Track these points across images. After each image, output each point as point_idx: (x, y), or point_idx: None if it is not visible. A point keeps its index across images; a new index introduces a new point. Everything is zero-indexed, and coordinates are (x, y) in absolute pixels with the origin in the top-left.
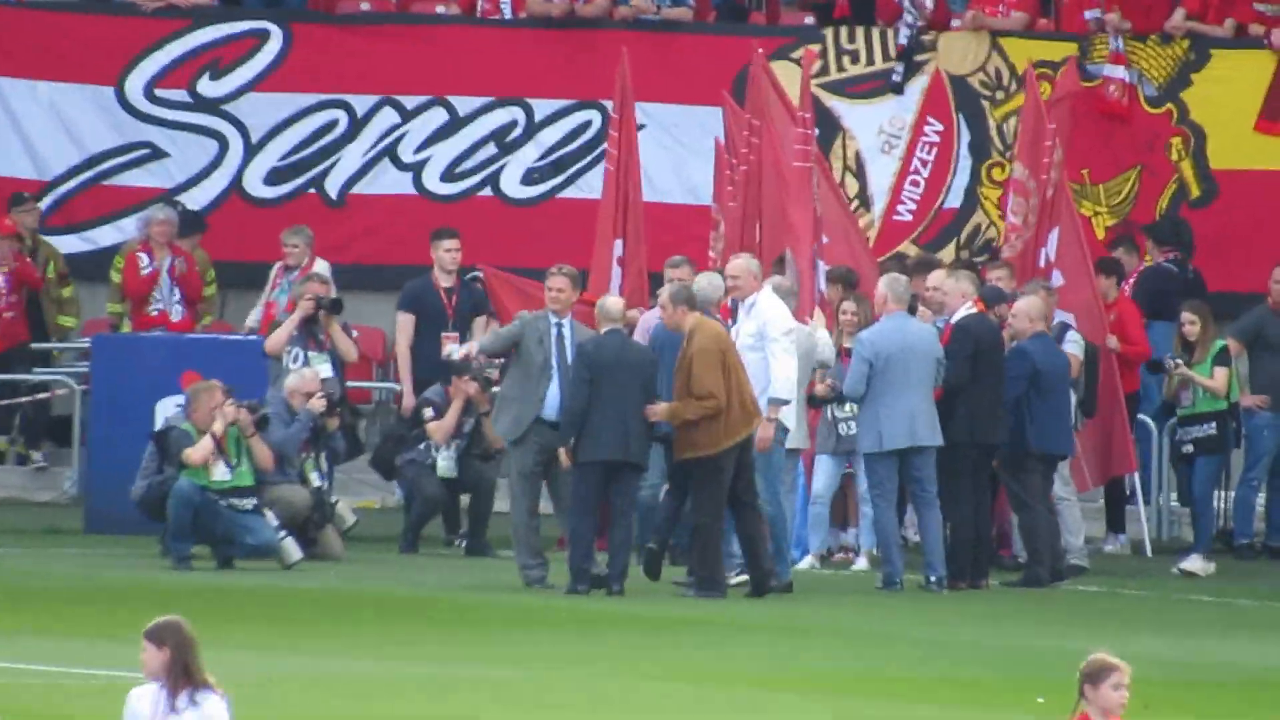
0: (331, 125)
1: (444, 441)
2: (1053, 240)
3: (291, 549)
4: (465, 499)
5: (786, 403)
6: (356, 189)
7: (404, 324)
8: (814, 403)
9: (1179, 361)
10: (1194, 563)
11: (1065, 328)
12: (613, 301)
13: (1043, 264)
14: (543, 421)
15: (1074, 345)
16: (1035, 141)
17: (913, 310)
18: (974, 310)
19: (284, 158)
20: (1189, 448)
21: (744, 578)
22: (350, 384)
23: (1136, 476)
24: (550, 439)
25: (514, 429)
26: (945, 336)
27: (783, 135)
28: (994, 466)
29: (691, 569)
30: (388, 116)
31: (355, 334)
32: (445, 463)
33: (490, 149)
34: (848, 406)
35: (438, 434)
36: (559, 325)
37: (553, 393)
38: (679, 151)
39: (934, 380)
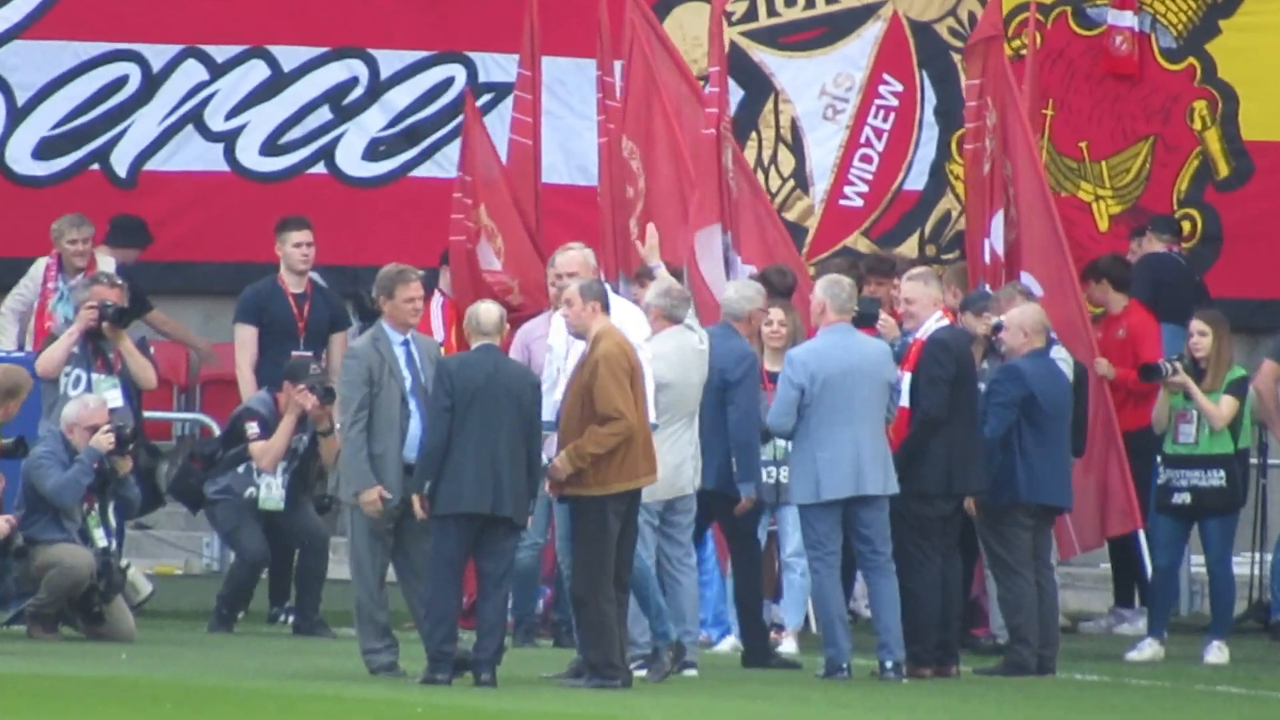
0: (120, 84)
1: (271, 467)
2: (997, 227)
3: (141, 582)
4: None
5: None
6: (152, 165)
7: (245, 340)
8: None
9: (1177, 365)
10: (1147, 649)
11: (1050, 343)
12: (485, 310)
13: (987, 258)
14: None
15: (1063, 365)
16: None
17: (868, 322)
18: (944, 321)
19: (57, 125)
20: (1184, 497)
21: (644, 671)
22: (147, 415)
23: (1143, 536)
24: (404, 487)
25: (356, 482)
26: (912, 355)
27: (675, 96)
28: (970, 513)
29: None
30: (192, 72)
31: (152, 351)
32: (270, 494)
33: (324, 114)
34: (771, 445)
35: (264, 458)
36: (406, 343)
37: (414, 431)
38: (566, 119)
39: (884, 410)
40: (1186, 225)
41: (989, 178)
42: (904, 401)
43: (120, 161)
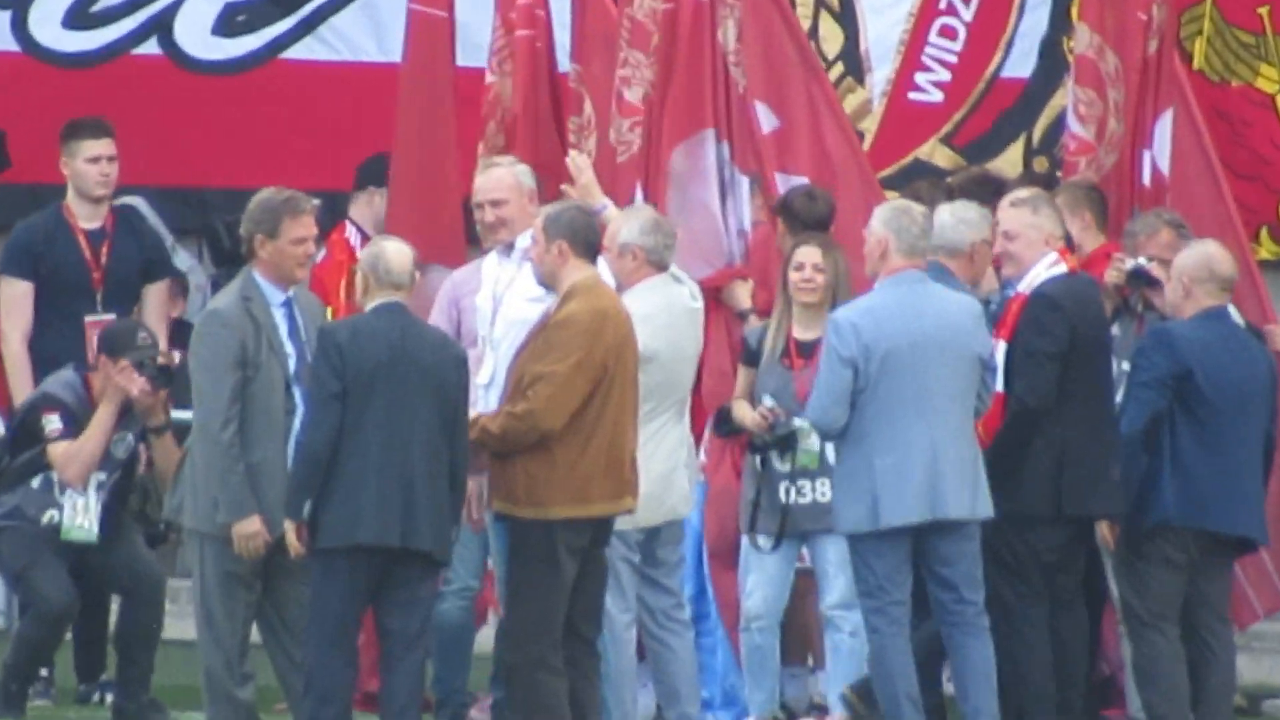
0: None
1: (79, 479)
2: (1162, 133)
3: None
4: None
5: None
6: None
7: (13, 300)
8: (721, 430)
9: None
10: None
11: (1226, 302)
12: (393, 251)
13: (1147, 177)
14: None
15: None
16: None
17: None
18: (1060, 267)
19: None
20: None
21: None
22: None
23: None
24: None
25: (228, 508)
26: (1011, 317)
27: None
28: (1103, 541)
29: None
30: None
31: None
32: (79, 519)
33: None
34: (801, 450)
35: (69, 466)
36: (288, 305)
37: (299, 430)
38: None
39: (975, 399)
40: None
41: (1156, 58)
42: (1001, 385)
43: None
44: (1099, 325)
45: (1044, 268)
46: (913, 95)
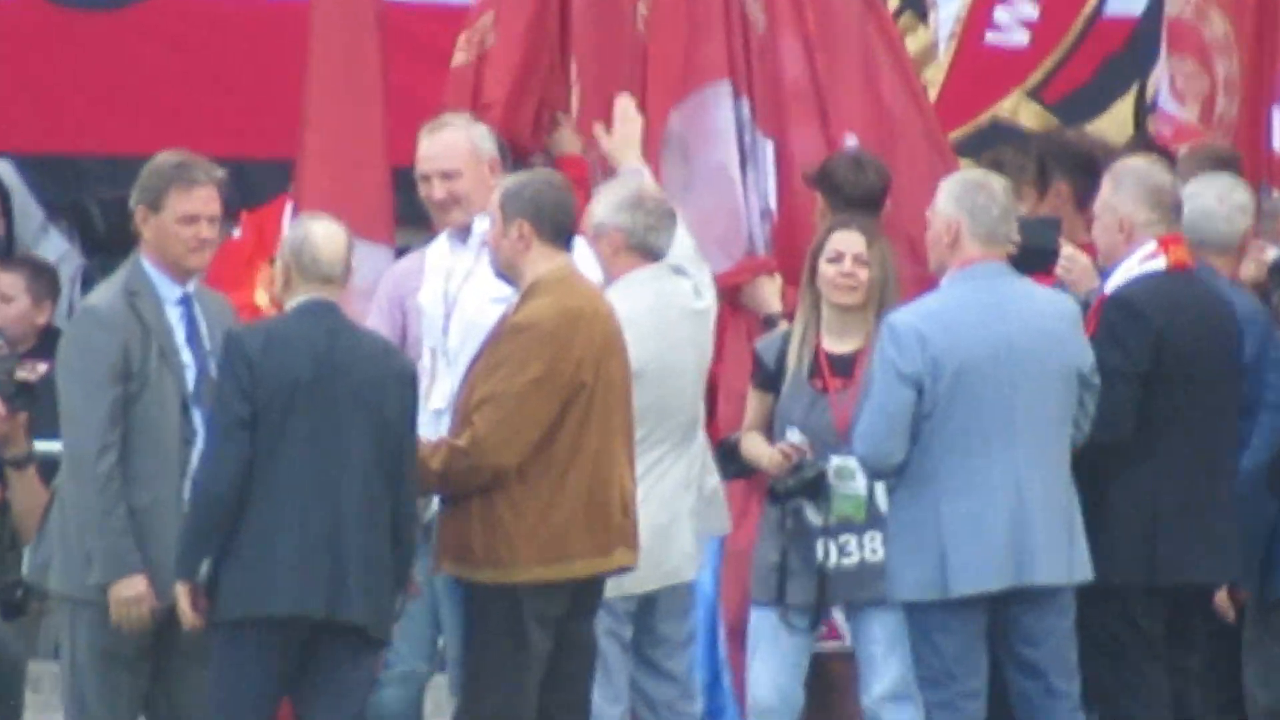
0: None
1: None
2: None
3: None
4: None
5: None
6: None
7: None
8: (726, 471)
9: None
10: None
11: None
12: (322, 234)
13: (1278, 141)
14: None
15: None
16: None
17: (1041, 264)
18: (1157, 261)
19: None
20: None
21: None
22: None
23: None
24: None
25: (104, 564)
26: (1090, 325)
27: None
28: (1222, 615)
29: None
30: None
31: None
32: None
33: None
34: (841, 496)
35: None
36: (186, 302)
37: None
38: None
39: (1071, 426)
40: None
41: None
42: None
43: None
44: (1205, 338)
45: (1136, 261)
46: (991, 37)
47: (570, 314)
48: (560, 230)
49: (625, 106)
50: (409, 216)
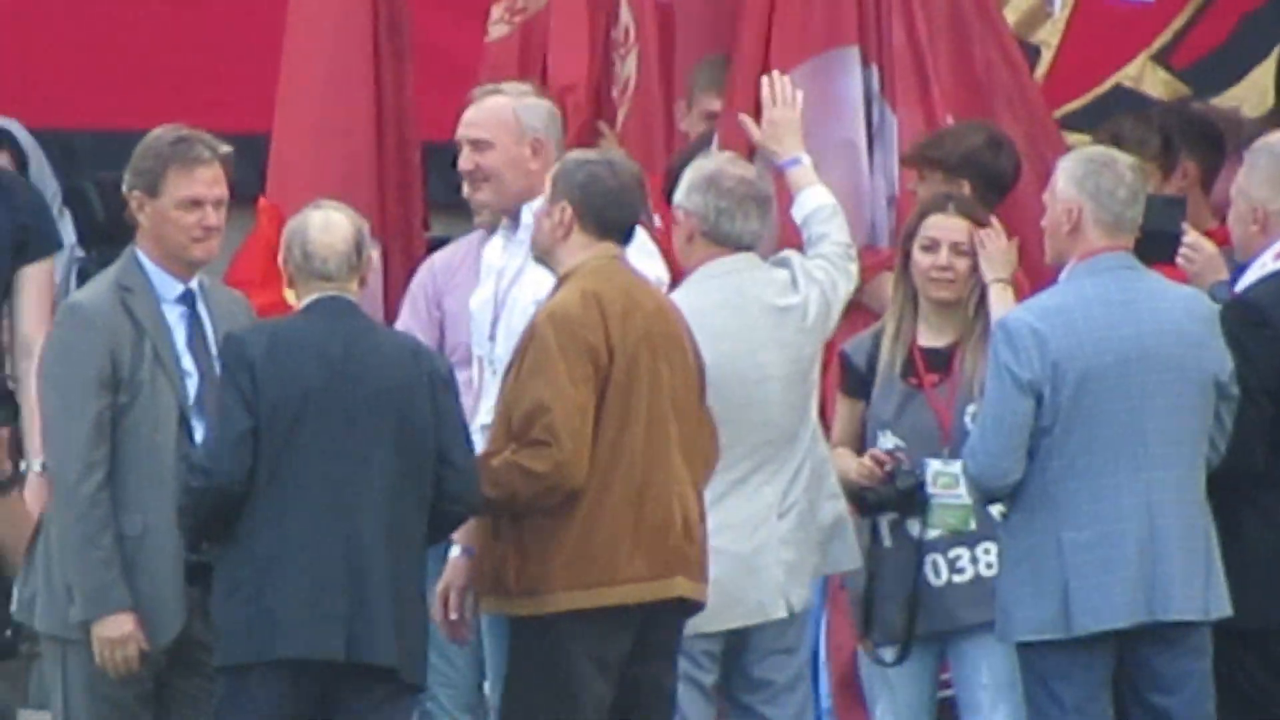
0: None
1: None
2: None
3: None
4: None
5: None
6: None
7: None
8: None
9: None
10: None
11: None
12: (328, 222)
13: None
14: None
15: None
16: None
17: (1163, 251)
18: None
19: None
20: None
21: None
22: None
23: None
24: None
25: (87, 598)
26: None
27: None
28: None
29: None
30: None
31: None
32: None
33: None
34: (940, 506)
35: None
36: (188, 298)
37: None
38: None
39: (1206, 443)
40: None
41: None
42: None
43: None
44: None
45: (1270, 257)
46: None
47: (600, 301)
48: (607, 224)
49: (782, 87)
50: (449, 201)
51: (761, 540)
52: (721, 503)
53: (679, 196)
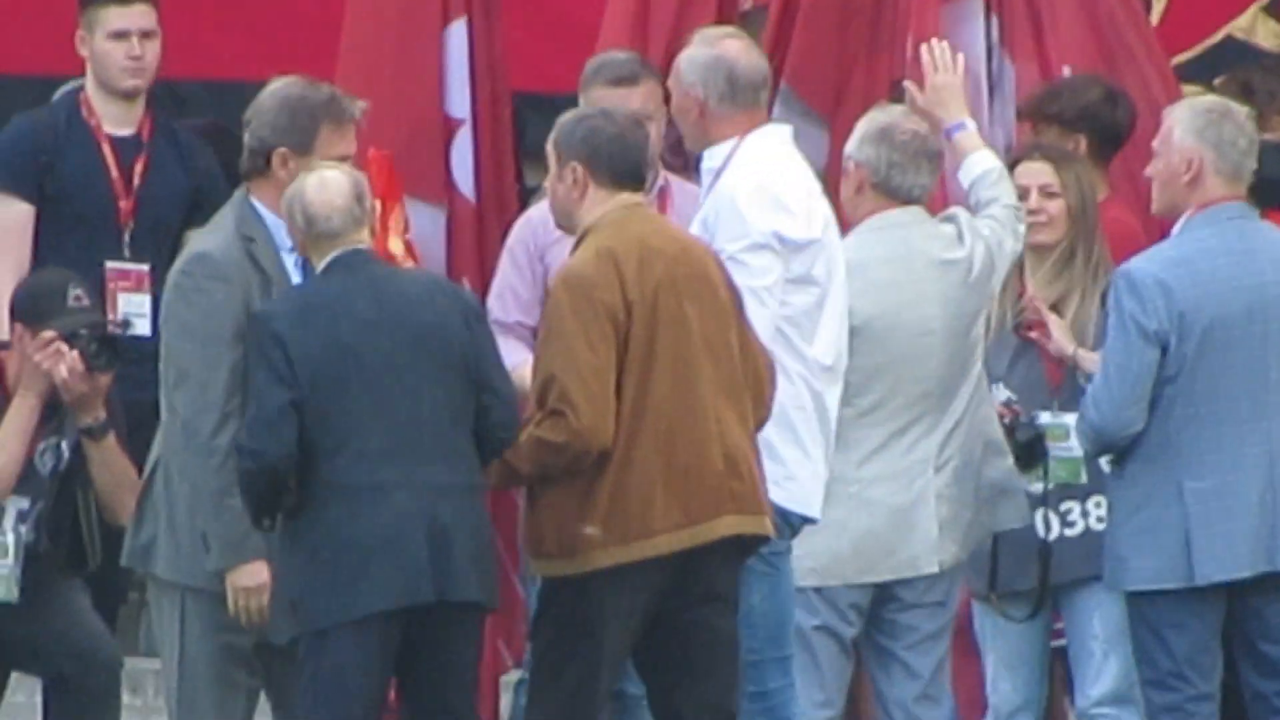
0: None
1: None
2: None
3: None
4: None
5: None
6: None
7: (5, 228)
8: None
9: None
10: None
11: None
12: (314, 186)
13: None
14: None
15: None
16: None
17: (1272, 200)
18: None
19: None
20: None
21: None
22: None
23: None
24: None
25: (223, 548)
26: None
27: None
28: None
29: None
30: None
31: None
32: None
33: None
34: (1056, 459)
35: None
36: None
37: None
38: None
39: None
40: None
41: None
42: None
43: None
44: None
45: None
46: None
47: (613, 255)
48: (620, 172)
49: (942, 52)
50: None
51: (918, 493)
52: (879, 454)
53: (850, 147)
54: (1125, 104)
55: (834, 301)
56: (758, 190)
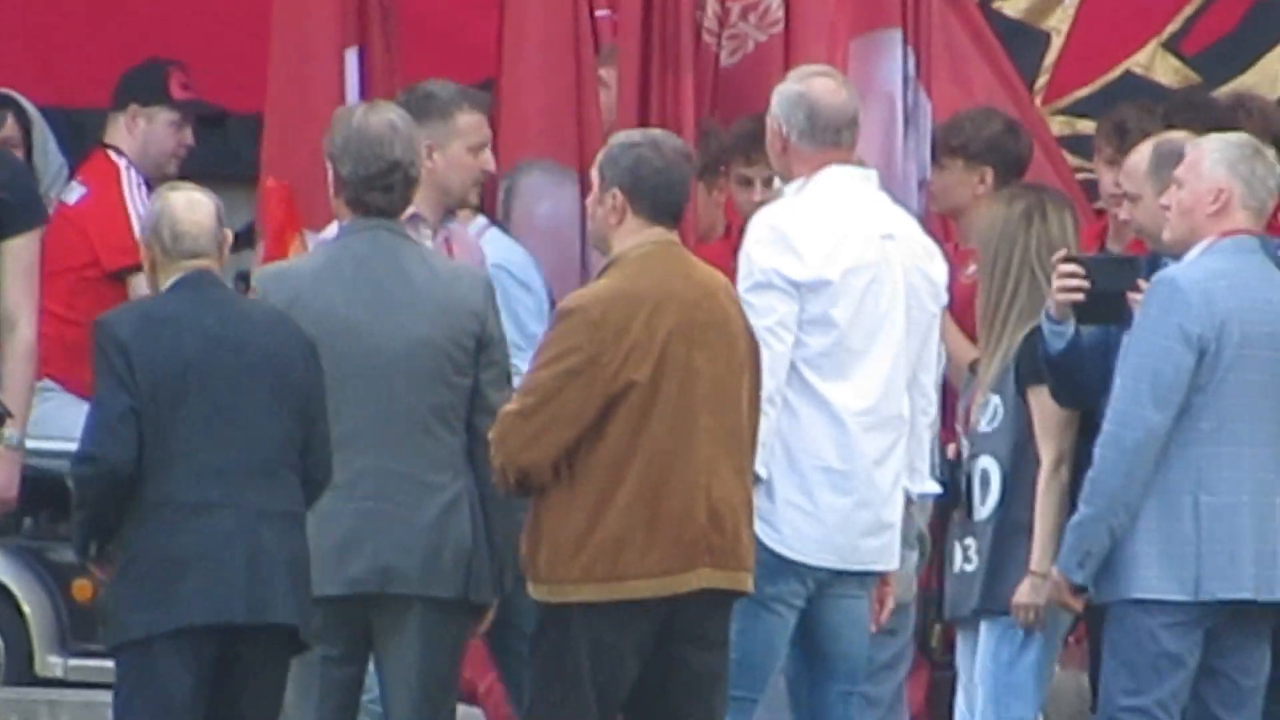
0: None
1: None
2: None
3: None
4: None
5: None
6: None
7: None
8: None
9: None
10: None
11: None
12: (183, 204)
13: None
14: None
15: None
16: None
17: None
18: None
19: None
20: None
21: None
22: None
23: None
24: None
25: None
26: None
27: None
28: None
29: None
30: None
31: None
32: None
33: None
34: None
35: None
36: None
37: None
38: None
39: None
40: None
41: None
42: None
43: None
44: None
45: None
46: None
47: (627, 298)
48: (661, 207)
49: None
50: None
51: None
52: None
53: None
54: (1024, 134)
55: (881, 344)
56: (768, 230)
